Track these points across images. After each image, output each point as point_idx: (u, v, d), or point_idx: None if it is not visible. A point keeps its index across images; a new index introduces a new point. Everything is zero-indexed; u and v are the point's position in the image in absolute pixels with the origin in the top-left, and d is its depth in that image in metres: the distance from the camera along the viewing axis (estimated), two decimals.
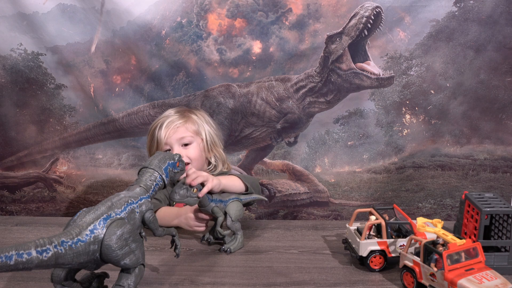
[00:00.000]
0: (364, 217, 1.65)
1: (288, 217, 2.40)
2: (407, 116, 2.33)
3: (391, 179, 2.37)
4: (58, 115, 2.35)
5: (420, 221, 1.44)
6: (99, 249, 1.11)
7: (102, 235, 1.11)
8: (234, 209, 1.64)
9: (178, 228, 1.72)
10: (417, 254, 1.37)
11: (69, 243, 1.06)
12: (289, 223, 2.01)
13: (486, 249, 1.41)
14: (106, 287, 1.30)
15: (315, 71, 2.27)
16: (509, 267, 1.44)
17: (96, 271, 1.23)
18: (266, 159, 2.41)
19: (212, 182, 1.56)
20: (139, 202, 1.22)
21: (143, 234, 1.23)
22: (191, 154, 1.85)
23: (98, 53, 2.28)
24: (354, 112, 2.33)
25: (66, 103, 2.34)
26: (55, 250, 1.04)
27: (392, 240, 1.48)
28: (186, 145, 1.86)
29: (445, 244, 1.31)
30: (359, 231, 1.53)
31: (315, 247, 1.68)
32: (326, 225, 1.92)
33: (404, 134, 2.35)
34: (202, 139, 1.90)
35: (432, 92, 2.29)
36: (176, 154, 1.38)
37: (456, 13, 2.20)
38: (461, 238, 1.32)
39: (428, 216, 2.34)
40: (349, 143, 2.37)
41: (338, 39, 2.22)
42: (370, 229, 1.52)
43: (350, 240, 1.56)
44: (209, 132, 1.92)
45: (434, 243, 1.33)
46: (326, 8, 2.21)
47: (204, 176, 1.54)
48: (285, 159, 2.40)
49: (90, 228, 1.10)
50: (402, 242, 1.47)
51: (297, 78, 2.29)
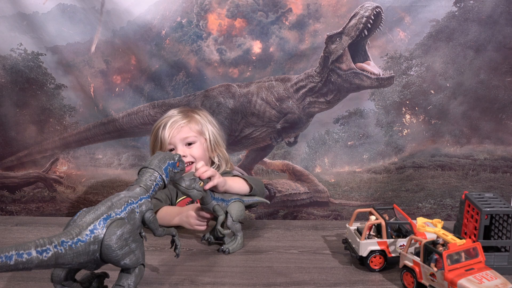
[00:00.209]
0: (364, 217, 1.65)
1: (288, 217, 2.40)
2: (407, 116, 2.33)
3: (391, 179, 2.37)
4: (58, 115, 2.35)
5: (420, 221, 1.44)
6: (99, 249, 1.11)
7: (102, 235, 1.11)
8: (236, 209, 1.63)
9: (178, 227, 1.72)
10: (417, 254, 1.37)
11: (69, 243, 1.06)
12: (289, 223, 2.01)
13: (486, 249, 1.41)
14: (106, 287, 1.30)
15: (315, 71, 2.27)
16: (509, 267, 1.44)
17: (96, 271, 1.23)
18: (266, 159, 2.41)
19: (218, 179, 1.57)
20: (139, 202, 1.22)
21: (143, 234, 1.22)
22: (195, 153, 1.86)
23: (98, 53, 2.28)
24: (354, 112, 2.33)
25: (66, 103, 2.34)
26: (55, 250, 1.04)
27: (392, 240, 1.48)
28: (189, 144, 1.87)
29: (445, 244, 1.30)
30: (359, 231, 1.53)
31: (315, 247, 1.68)
32: (326, 225, 1.92)
33: (404, 134, 2.35)
34: (206, 139, 1.90)
35: (432, 92, 2.29)
36: (176, 154, 1.38)
37: (456, 13, 2.20)
38: (461, 238, 1.32)
39: (428, 216, 2.34)
40: (349, 143, 2.37)
41: (338, 39, 2.22)
42: (370, 229, 1.52)
43: (350, 240, 1.56)
44: (212, 132, 1.92)
45: (434, 243, 1.33)
46: (326, 8, 2.21)
47: (212, 171, 1.56)
48: (285, 159, 2.40)
49: (90, 228, 1.10)
50: (402, 242, 1.47)
51: (297, 78, 2.28)
